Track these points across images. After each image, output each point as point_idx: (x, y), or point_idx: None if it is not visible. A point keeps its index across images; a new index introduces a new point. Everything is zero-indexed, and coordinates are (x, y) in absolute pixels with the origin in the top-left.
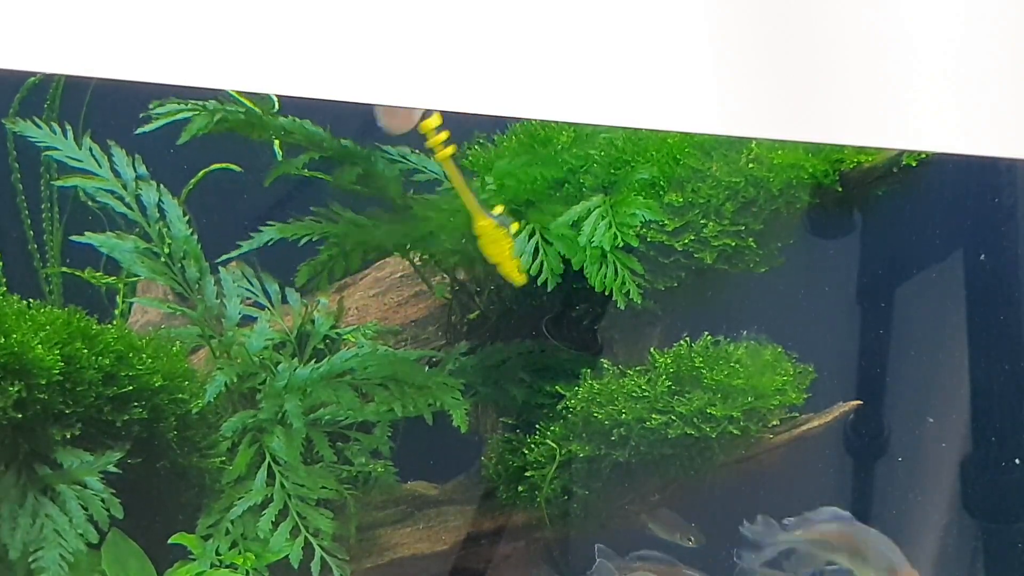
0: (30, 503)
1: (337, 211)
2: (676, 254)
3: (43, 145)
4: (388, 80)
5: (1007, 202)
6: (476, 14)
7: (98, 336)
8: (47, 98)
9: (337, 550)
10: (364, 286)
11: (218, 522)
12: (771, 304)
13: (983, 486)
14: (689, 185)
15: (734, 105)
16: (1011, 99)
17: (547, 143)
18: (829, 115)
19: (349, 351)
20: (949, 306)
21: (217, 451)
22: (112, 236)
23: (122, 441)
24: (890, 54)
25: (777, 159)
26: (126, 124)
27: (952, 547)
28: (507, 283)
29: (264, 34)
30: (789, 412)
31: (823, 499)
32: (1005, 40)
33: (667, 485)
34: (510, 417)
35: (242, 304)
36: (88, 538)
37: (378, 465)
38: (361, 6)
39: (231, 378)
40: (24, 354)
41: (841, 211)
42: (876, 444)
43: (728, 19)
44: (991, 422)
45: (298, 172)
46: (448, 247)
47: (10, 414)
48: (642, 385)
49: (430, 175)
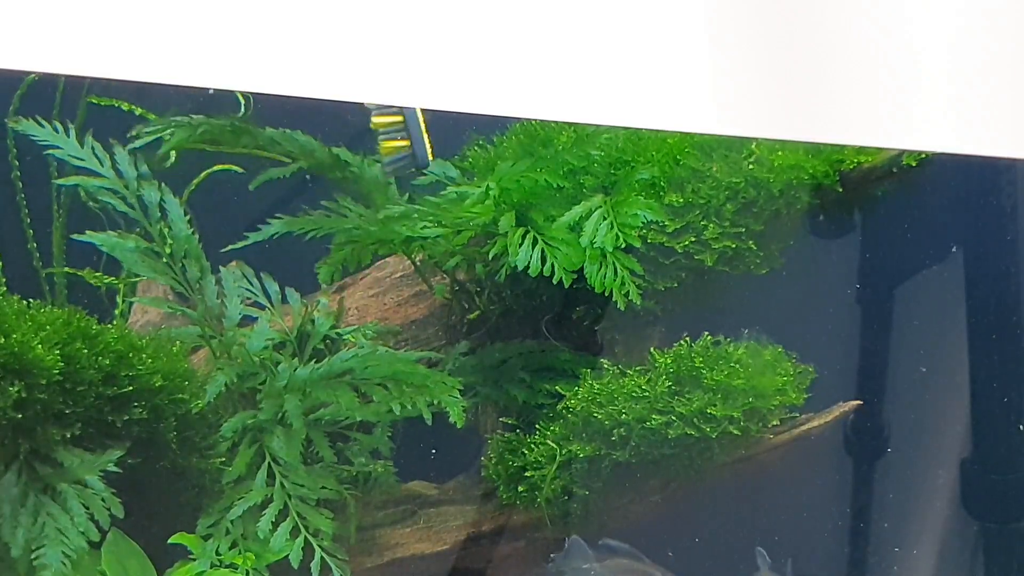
0: (31, 502)
1: (347, 206)
2: (676, 255)
3: (45, 144)
4: (387, 80)
5: (1007, 202)
6: (475, 14)
7: (98, 336)
8: (55, 97)
9: (337, 550)
10: (364, 286)
11: (218, 522)
12: (771, 304)
13: (983, 486)
14: (689, 186)
15: (734, 105)
16: (1011, 99)
17: (547, 143)
18: (829, 115)
19: (349, 351)
20: (949, 306)
21: (217, 451)
22: (114, 235)
23: (122, 441)
24: (890, 54)
25: (777, 160)
26: (125, 122)
27: (952, 547)
28: (507, 283)
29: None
30: (789, 412)
31: (823, 499)
32: (1005, 40)
33: (667, 485)
34: (510, 417)
35: (242, 304)
36: (90, 536)
37: (378, 465)
38: (360, 5)
39: (231, 378)
40: (24, 354)
41: (841, 211)
42: (876, 444)
43: (728, 19)
44: (991, 422)
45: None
46: (449, 247)
47: (10, 414)
48: (642, 385)
49: (430, 177)
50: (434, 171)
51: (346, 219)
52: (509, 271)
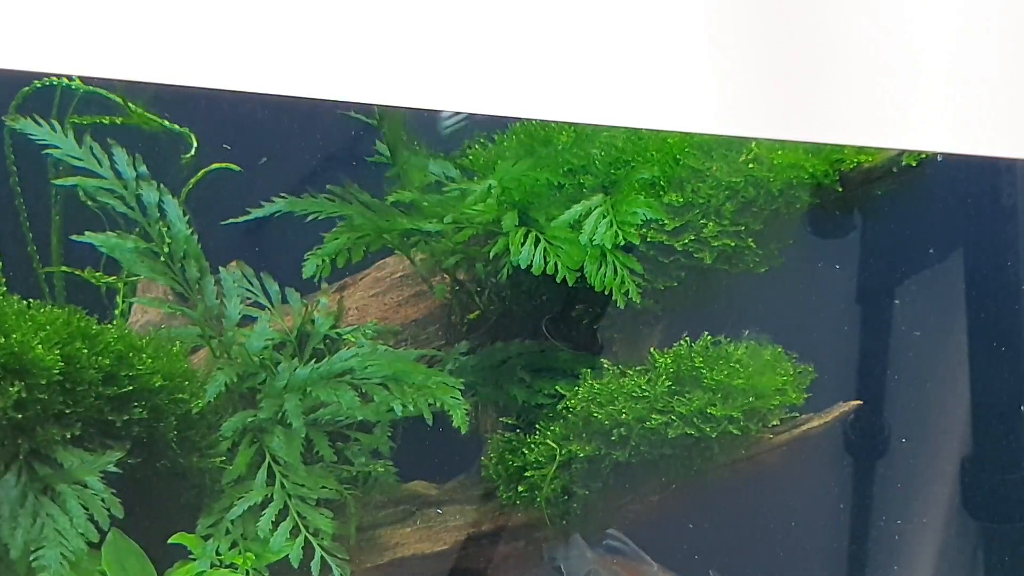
0: (31, 503)
1: (354, 192)
2: (676, 254)
3: (43, 144)
4: (388, 80)
5: (1007, 202)
6: (476, 14)
7: (98, 336)
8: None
9: (337, 550)
10: (364, 286)
11: (218, 522)
12: (771, 304)
13: (983, 486)
14: (689, 185)
15: (734, 105)
16: (1011, 99)
17: (547, 143)
18: (829, 115)
19: (349, 351)
20: (949, 306)
21: (217, 451)
22: (113, 236)
23: (122, 441)
24: (890, 54)
25: (777, 159)
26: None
27: (952, 547)
28: (507, 283)
29: (264, 34)
30: (789, 412)
31: (823, 499)
32: (1005, 40)
33: (667, 485)
34: (510, 417)
35: (242, 304)
36: (89, 537)
37: (378, 465)
38: (361, 5)
39: (231, 378)
40: (24, 354)
41: (841, 211)
42: (876, 444)
43: (728, 19)
44: (991, 422)
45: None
46: (449, 245)
47: (10, 414)
48: (642, 385)
49: (430, 178)
50: (433, 171)
51: (350, 205)
52: (511, 271)
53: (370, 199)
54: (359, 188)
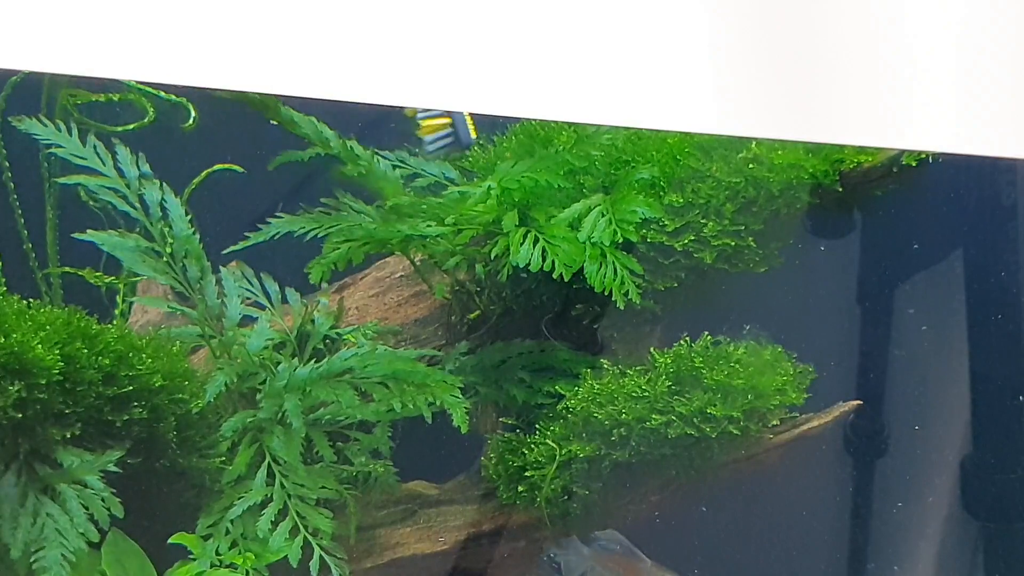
0: (31, 503)
1: (347, 201)
2: (676, 254)
3: (46, 142)
4: (388, 80)
5: (1007, 202)
6: (476, 14)
7: (98, 336)
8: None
9: (336, 550)
10: (364, 286)
11: (218, 522)
12: (771, 304)
13: (983, 486)
14: (689, 185)
15: (734, 105)
16: (1011, 99)
17: (547, 143)
18: (829, 115)
19: (349, 351)
20: (949, 306)
21: (217, 451)
22: (114, 235)
23: (122, 441)
24: (890, 54)
25: (777, 159)
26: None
27: (952, 547)
28: (507, 283)
29: (264, 34)
30: (789, 412)
31: (823, 499)
32: (1005, 40)
33: (667, 485)
34: (510, 417)
35: (242, 304)
36: (89, 537)
37: (378, 465)
38: (361, 5)
39: (231, 378)
40: (24, 354)
41: (841, 211)
42: (876, 444)
43: (728, 19)
44: (991, 422)
45: (307, 157)
46: (449, 246)
47: (10, 414)
48: (642, 385)
49: (429, 178)
50: (432, 172)
51: (347, 216)
52: (511, 271)
53: (365, 207)
54: (352, 198)
